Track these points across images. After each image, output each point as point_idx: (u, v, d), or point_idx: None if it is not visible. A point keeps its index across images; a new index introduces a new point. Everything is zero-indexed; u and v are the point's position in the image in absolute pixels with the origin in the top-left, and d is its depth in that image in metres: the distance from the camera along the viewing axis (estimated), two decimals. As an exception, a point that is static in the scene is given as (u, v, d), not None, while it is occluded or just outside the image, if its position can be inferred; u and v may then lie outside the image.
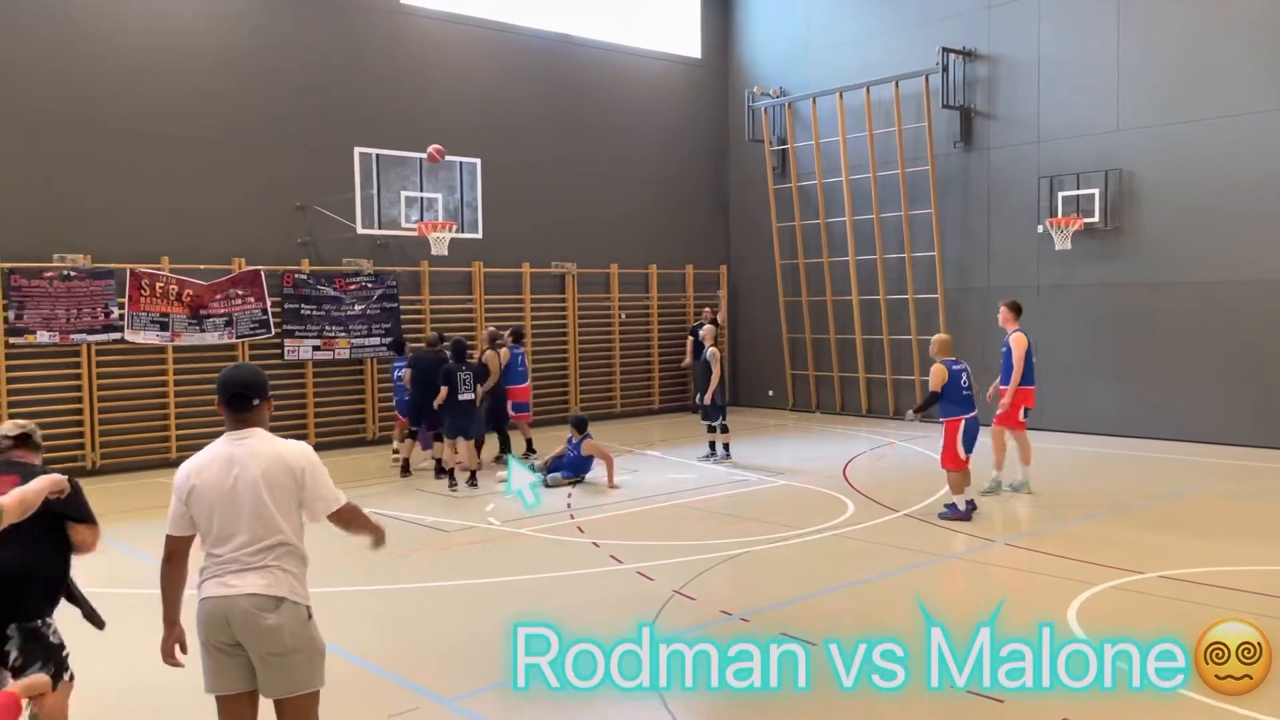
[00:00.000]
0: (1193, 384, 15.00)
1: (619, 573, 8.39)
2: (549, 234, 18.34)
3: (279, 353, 15.19)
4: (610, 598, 7.73)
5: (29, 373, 13.40)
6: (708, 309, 17.39)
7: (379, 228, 14.78)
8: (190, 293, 14.40)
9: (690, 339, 17.13)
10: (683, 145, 20.59)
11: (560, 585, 8.09)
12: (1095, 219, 15.58)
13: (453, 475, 12.31)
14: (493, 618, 6.96)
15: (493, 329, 14.56)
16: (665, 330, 20.20)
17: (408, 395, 13.32)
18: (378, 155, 14.66)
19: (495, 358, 13.69)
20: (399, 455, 13.63)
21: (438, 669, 6.31)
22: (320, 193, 15.41)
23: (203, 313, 14.49)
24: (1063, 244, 15.72)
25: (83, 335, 13.65)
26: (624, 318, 19.60)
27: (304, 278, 15.45)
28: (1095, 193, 15.59)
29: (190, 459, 4.10)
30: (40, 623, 4.57)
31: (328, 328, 15.63)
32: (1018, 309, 11.54)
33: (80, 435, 13.74)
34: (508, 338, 14.34)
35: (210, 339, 14.56)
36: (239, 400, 4.07)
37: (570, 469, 12.40)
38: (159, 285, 14.16)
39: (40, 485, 4.27)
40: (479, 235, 15.56)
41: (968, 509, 10.08)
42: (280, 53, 15.52)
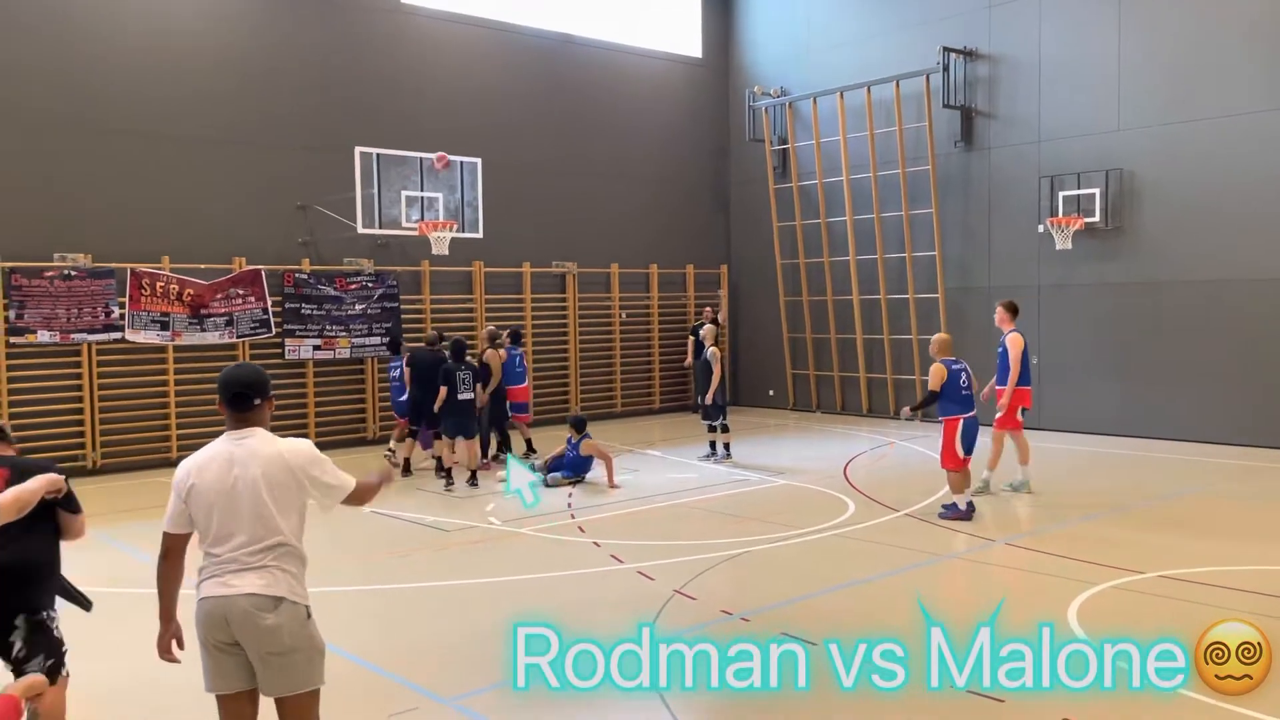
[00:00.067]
0: (1193, 384, 15.00)
1: (619, 572, 8.39)
2: (550, 233, 18.35)
3: (279, 352, 15.20)
4: (611, 597, 7.74)
5: (30, 372, 13.41)
6: (708, 308, 17.40)
7: (380, 227, 14.79)
8: (191, 292, 14.40)
9: (691, 339, 17.13)
10: (683, 145, 20.59)
11: (561, 585, 8.09)
12: (1096, 219, 15.57)
13: (450, 475, 12.33)
14: (493, 617, 6.96)
15: (492, 328, 14.59)
16: (666, 330, 20.20)
17: (403, 396, 13.35)
18: (378, 155, 14.66)
19: (497, 357, 13.71)
20: (393, 455, 13.67)
21: (438, 669, 6.31)
22: (321, 192, 15.42)
23: (203, 312, 14.50)
24: (1063, 244, 15.71)
25: (83, 335, 13.65)
26: (624, 317, 19.59)
27: (305, 277, 15.46)
28: (1096, 192, 15.58)
29: (190, 457, 4.10)
30: (45, 614, 4.63)
31: (328, 327, 15.64)
32: (1014, 309, 11.54)
33: (81, 435, 13.76)
34: (505, 338, 14.36)
35: (211, 338, 14.57)
36: (240, 400, 4.07)
37: (570, 469, 12.40)
38: (159, 285, 14.17)
39: (37, 485, 4.33)
40: (479, 235, 15.57)
41: (968, 509, 10.08)
42: (281, 52, 15.52)
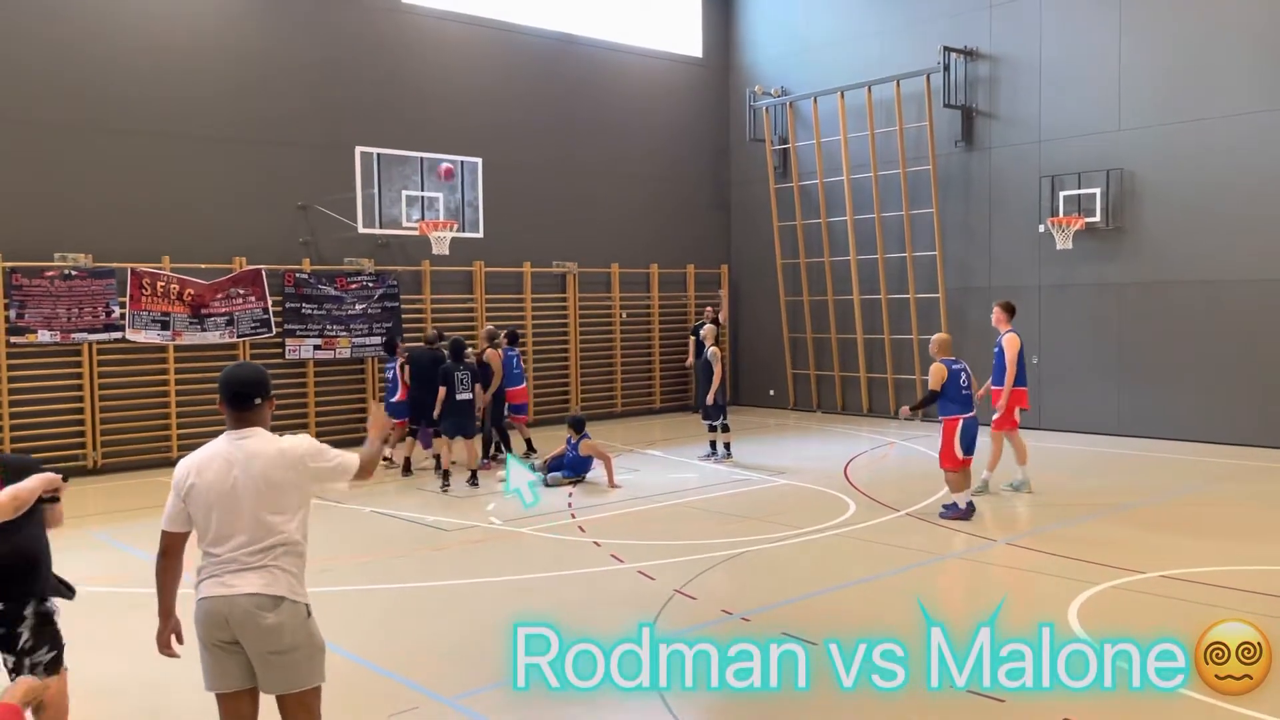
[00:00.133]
0: (1194, 384, 15.00)
1: (620, 572, 8.39)
2: (550, 233, 18.35)
3: (280, 352, 15.20)
4: (611, 597, 7.74)
5: (30, 372, 13.41)
6: (709, 308, 17.40)
7: (380, 227, 14.80)
8: (191, 292, 14.41)
9: (693, 339, 17.13)
10: (684, 145, 20.59)
11: (561, 584, 8.09)
12: (1096, 218, 15.57)
13: (447, 476, 12.28)
14: (493, 617, 6.97)
15: (491, 327, 14.58)
16: (666, 330, 20.19)
17: (394, 397, 13.45)
18: (379, 154, 14.67)
19: (497, 356, 13.71)
20: (390, 461, 13.68)
21: (438, 668, 6.31)
22: (321, 192, 15.43)
23: (204, 312, 14.50)
24: (1064, 243, 15.71)
25: (84, 334, 13.66)
26: (625, 317, 19.59)
27: (305, 277, 15.47)
28: (1096, 192, 15.58)
29: (190, 456, 4.10)
30: (49, 604, 4.73)
31: (329, 327, 15.64)
32: (1011, 309, 11.54)
33: (81, 434, 13.76)
34: (503, 339, 14.34)
35: (211, 338, 14.58)
36: (240, 399, 4.07)
37: (570, 469, 12.40)
38: (160, 284, 14.17)
39: (34, 484, 4.37)
40: (480, 235, 15.58)
41: (968, 508, 10.08)
42: (282, 52, 15.52)
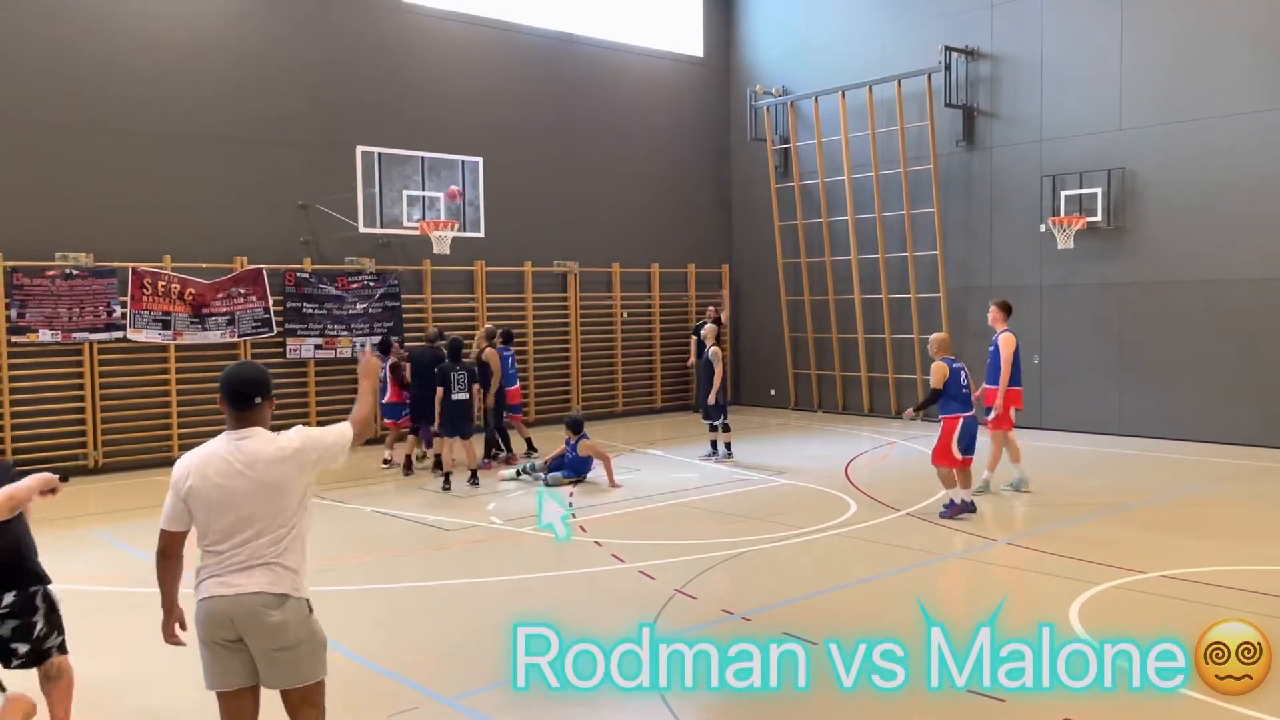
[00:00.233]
0: (1195, 384, 14.99)
1: (621, 572, 8.39)
2: (551, 233, 18.34)
3: (281, 351, 15.21)
4: (612, 597, 7.74)
5: (31, 371, 13.42)
6: (711, 308, 17.38)
7: (381, 226, 14.79)
8: (192, 291, 14.41)
9: (694, 338, 17.12)
10: (685, 144, 20.58)
11: (562, 584, 8.09)
12: (1098, 218, 15.56)
13: (448, 479, 12.25)
14: (494, 616, 6.97)
15: (490, 326, 14.54)
16: (667, 329, 20.19)
17: (384, 398, 13.55)
18: (380, 154, 14.68)
19: (496, 356, 13.69)
20: (391, 461, 13.69)
21: (439, 668, 6.31)
22: (322, 191, 15.43)
23: (205, 311, 14.51)
24: (1065, 243, 15.70)
25: (85, 334, 13.66)
26: (626, 317, 19.59)
27: (306, 276, 15.47)
28: (1098, 192, 15.57)
29: (188, 455, 4.09)
30: (51, 589, 4.91)
31: (330, 326, 15.65)
32: (1008, 309, 11.53)
33: (82, 434, 13.77)
34: (499, 338, 14.30)
35: (212, 338, 14.58)
36: (241, 398, 4.06)
37: (570, 469, 12.40)
38: (161, 284, 14.18)
39: (31, 484, 4.39)
40: (481, 234, 15.57)
41: (963, 504, 10.06)
42: (282, 51, 15.53)
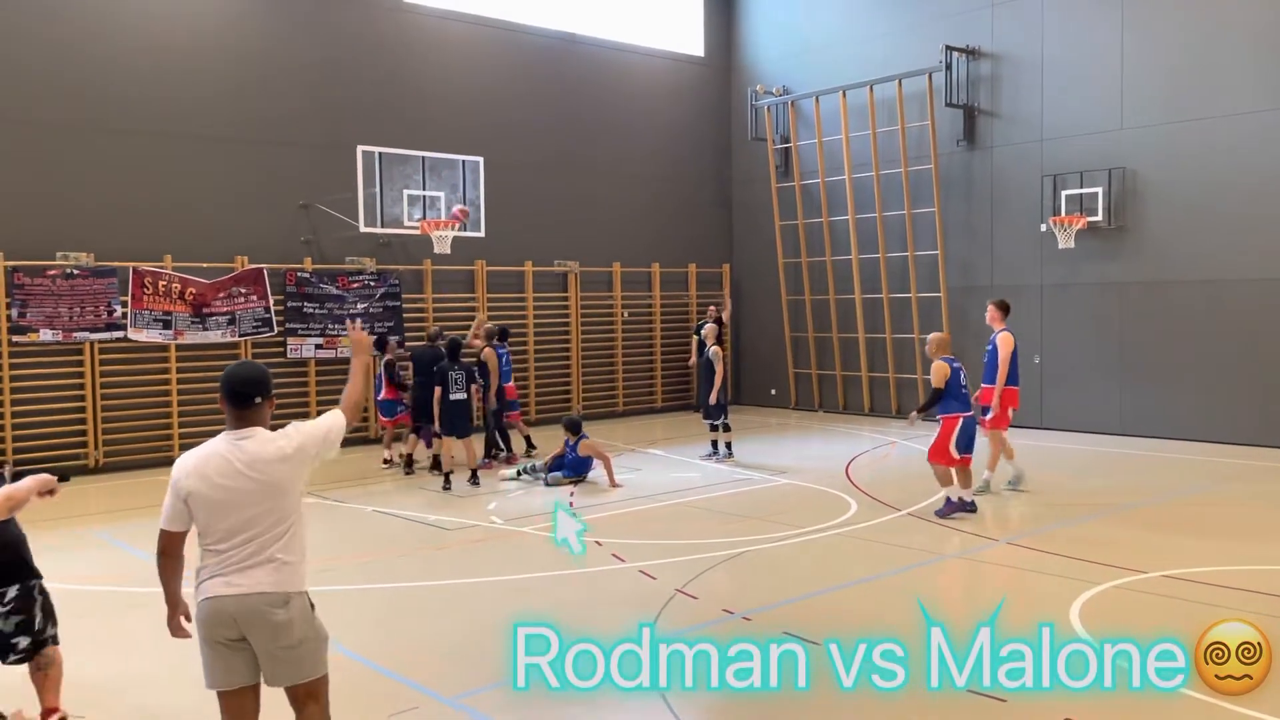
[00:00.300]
0: (1196, 383, 14.98)
1: (621, 571, 8.39)
2: (551, 232, 18.34)
3: (281, 351, 15.22)
4: (612, 596, 7.74)
5: (32, 371, 13.43)
6: (713, 307, 17.38)
7: (382, 226, 14.81)
8: (193, 291, 14.42)
9: (695, 338, 17.10)
10: (685, 144, 20.58)
11: (562, 583, 8.09)
12: (1099, 218, 15.55)
13: (449, 479, 12.25)
14: (495, 616, 6.97)
15: (490, 325, 14.50)
16: (668, 329, 20.19)
17: (379, 396, 13.61)
18: (380, 154, 14.69)
19: (494, 356, 13.67)
20: (391, 461, 13.69)
21: (439, 668, 6.31)
22: (323, 191, 15.44)
23: (205, 311, 14.51)
24: (1066, 243, 15.69)
25: (86, 333, 13.67)
26: (626, 316, 19.59)
27: (307, 276, 15.47)
28: (1099, 191, 15.56)
29: (188, 455, 4.09)
30: (43, 583, 5.04)
31: (330, 326, 15.65)
32: (1006, 308, 11.53)
33: (83, 433, 13.77)
34: (495, 336, 14.26)
35: (213, 337, 14.59)
36: (240, 397, 4.07)
37: (570, 469, 12.40)
38: (162, 284, 14.18)
39: (30, 485, 4.39)
40: (481, 234, 15.58)
41: (960, 504, 10.07)
42: (283, 51, 15.53)
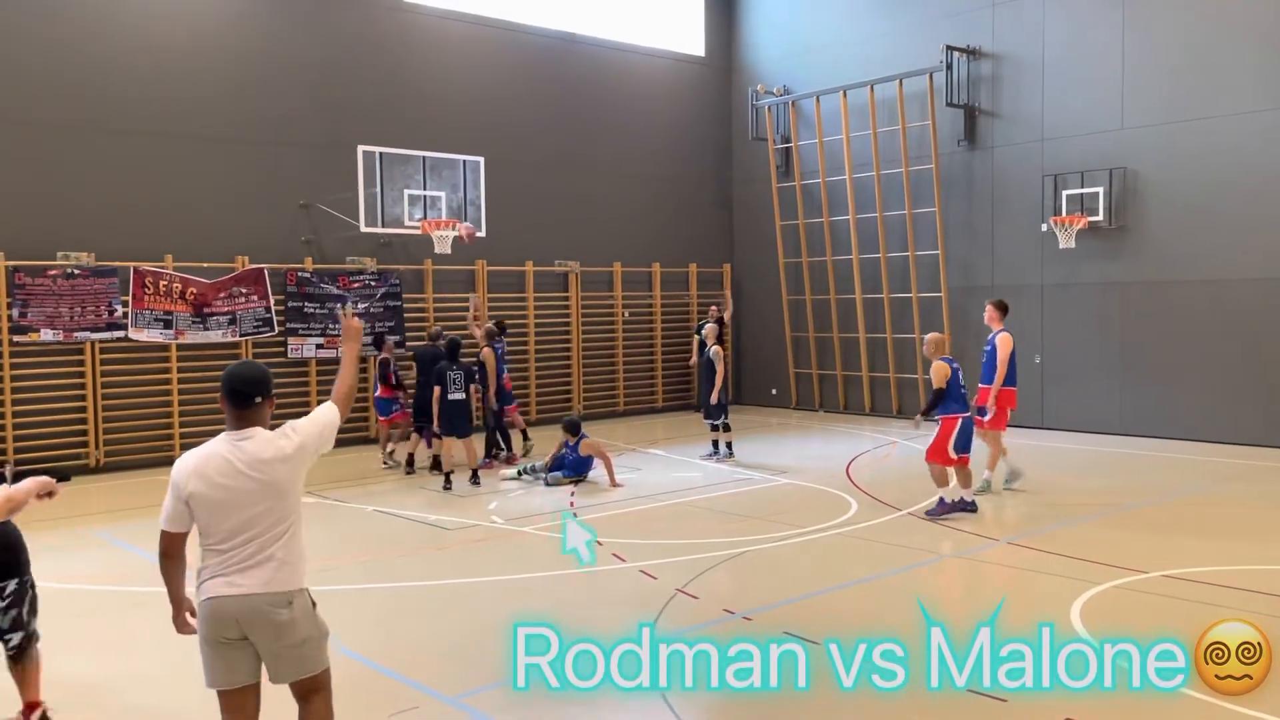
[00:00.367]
0: (1197, 383, 14.97)
1: (622, 571, 8.39)
2: (552, 232, 18.35)
3: (282, 351, 15.23)
4: (613, 596, 7.74)
5: (33, 370, 13.43)
6: (714, 307, 17.38)
7: (382, 226, 14.81)
8: (194, 291, 14.42)
9: (696, 338, 17.09)
10: (686, 143, 20.58)
11: (563, 583, 8.09)
12: (1099, 218, 15.55)
13: (449, 478, 12.26)
14: (495, 615, 6.98)
15: (490, 325, 14.45)
16: (668, 329, 20.19)
17: (377, 392, 13.82)
18: (381, 153, 14.69)
19: (492, 356, 13.63)
20: (393, 458, 13.69)
21: (439, 667, 6.31)
22: (324, 191, 15.44)
23: (206, 311, 14.52)
24: (1067, 243, 15.68)
25: (86, 333, 13.68)
26: (627, 316, 19.59)
27: (307, 276, 15.48)
28: (1100, 191, 15.56)
29: (188, 455, 4.09)
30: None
31: (331, 326, 15.65)
32: (1004, 308, 11.53)
33: (84, 433, 13.78)
34: (494, 336, 14.22)
35: (214, 337, 14.59)
36: (241, 397, 4.07)
37: (571, 469, 12.40)
38: (163, 283, 14.19)
39: (29, 486, 4.39)
40: (482, 234, 15.57)
41: (956, 504, 10.07)
42: (284, 51, 15.53)
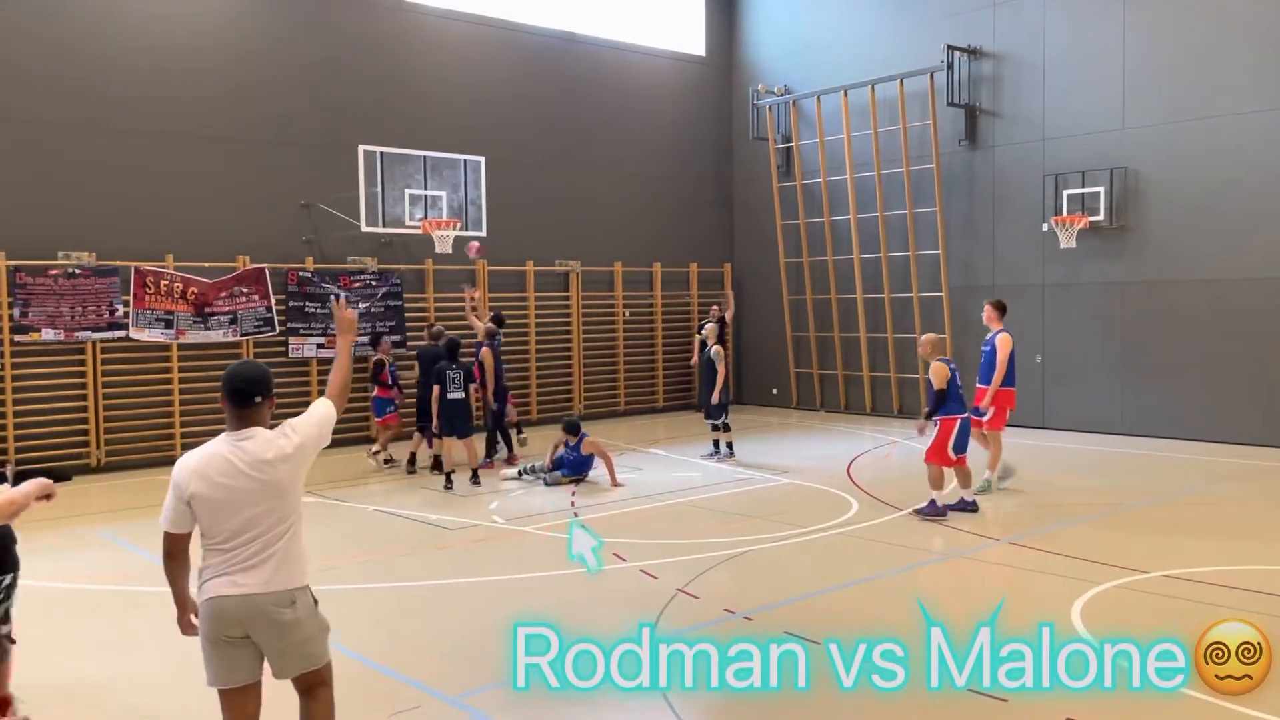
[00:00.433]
0: (1198, 383, 14.97)
1: (622, 571, 8.39)
2: (553, 232, 18.35)
3: (283, 351, 15.23)
4: (613, 596, 7.74)
5: (34, 370, 13.44)
6: (715, 307, 17.36)
7: (383, 226, 14.82)
8: (195, 290, 14.43)
9: (697, 337, 17.09)
10: (687, 143, 20.58)
11: (564, 583, 8.09)
12: (1100, 217, 15.55)
13: (450, 478, 12.26)
14: (496, 615, 6.98)
15: (491, 324, 14.44)
16: (669, 328, 20.19)
17: (374, 392, 13.77)
18: (382, 153, 14.70)
19: (492, 356, 13.61)
20: (391, 460, 13.71)
21: (440, 667, 6.31)
22: (324, 191, 15.45)
23: (207, 310, 14.52)
24: (1068, 242, 15.68)
25: (87, 333, 13.68)
26: (628, 316, 19.60)
27: (308, 276, 15.48)
28: (1100, 191, 15.56)
29: (189, 456, 4.09)
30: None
31: (332, 326, 15.65)
32: (1003, 308, 11.54)
33: (85, 433, 13.79)
34: (494, 334, 14.21)
35: (215, 337, 14.60)
36: (241, 396, 4.08)
37: (571, 469, 12.41)
38: (164, 283, 14.19)
39: (30, 489, 4.40)
40: (483, 233, 15.58)
41: (945, 507, 10.08)
42: (284, 50, 15.54)
